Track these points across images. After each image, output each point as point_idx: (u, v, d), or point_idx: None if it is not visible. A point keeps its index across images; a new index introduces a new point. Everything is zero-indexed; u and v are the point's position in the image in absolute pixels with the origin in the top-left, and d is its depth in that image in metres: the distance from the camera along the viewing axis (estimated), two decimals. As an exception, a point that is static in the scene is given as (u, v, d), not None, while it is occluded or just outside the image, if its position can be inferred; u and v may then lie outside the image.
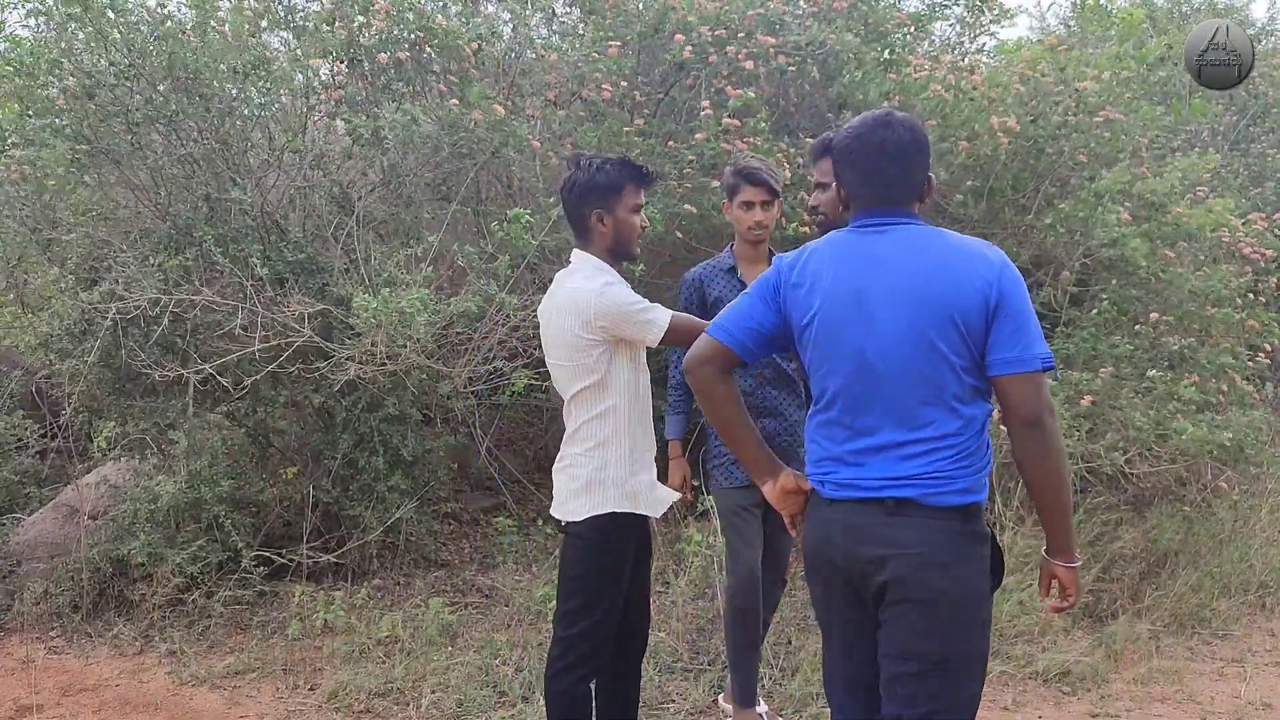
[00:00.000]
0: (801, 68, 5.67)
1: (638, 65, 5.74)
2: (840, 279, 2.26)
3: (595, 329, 2.83)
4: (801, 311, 2.30)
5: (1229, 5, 10.57)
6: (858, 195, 2.32)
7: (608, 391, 2.90)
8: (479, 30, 5.42)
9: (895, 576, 2.19)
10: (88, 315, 4.73)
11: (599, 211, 2.93)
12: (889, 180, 2.28)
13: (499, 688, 4.05)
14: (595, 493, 2.91)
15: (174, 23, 4.92)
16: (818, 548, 2.33)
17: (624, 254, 3.01)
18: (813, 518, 2.35)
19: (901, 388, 2.20)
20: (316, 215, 5.25)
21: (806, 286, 2.30)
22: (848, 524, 2.25)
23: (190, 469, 4.76)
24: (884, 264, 2.23)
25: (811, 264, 2.32)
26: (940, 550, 2.18)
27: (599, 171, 2.91)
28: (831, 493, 2.28)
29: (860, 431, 2.25)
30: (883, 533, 2.20)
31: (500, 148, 5.17)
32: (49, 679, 4.22)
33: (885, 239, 2.26)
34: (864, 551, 2.22)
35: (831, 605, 2.36)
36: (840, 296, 2.25)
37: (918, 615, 2.18)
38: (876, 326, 2.21)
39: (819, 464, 2.33)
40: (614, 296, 2.83)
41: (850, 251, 2.29)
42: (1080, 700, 4.02)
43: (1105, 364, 5.24)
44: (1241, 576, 5.05)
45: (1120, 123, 5.87)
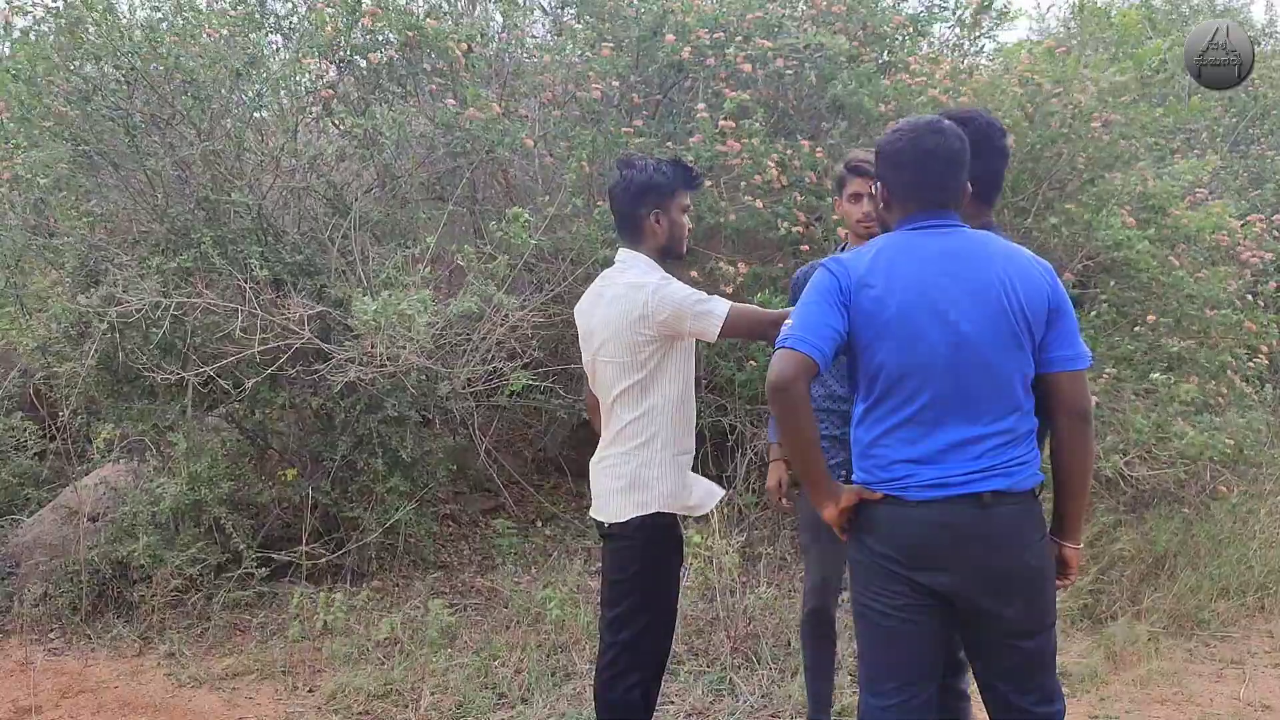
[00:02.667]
0: (799, 71, 5.68)
1: (635, 66, 5.74)
2: (917, 279, 2.30)
3: (653, 325, 2.82)
4: (872, 313, 2.31)
5: (1229, 7, 10.57)
6: (906, 198, 2.38)
7: (654, 389, 2.88)
8: (469, 31, 5.41)
9: (1001, 566, 2.30)
10: (85, 318, 4.73)
11: (656, 211, 2.93)
12: (943, 185, 2.36)
13: (498, 689, 4.06)
14: (640, 492, 2.88)
15: (169, 26, 4.92)
16: (907, 549, 2.33)
17: (674, 253, 3.01)
18: (892, 521, 2.34)
19: (985, 384, 2.29)
20: (311, 217, 5.25)
21: (879, 287, 2.31)
22: (942, 523, 2.29)
23: (190, 471, 4.76)
24: (960, 264, 2.31)
25: (880, 264, 2.33)
26: (1030, 530, 2.34)
27: (656, 172, 2.92)
28: (918, 495, 2.30)
29: (942, 429, 2.30)
30: (984, 526, 2.28)
31: (495, 146, 5.17)
32: (48, 680, 4.22)
33: (951, 240, 2.35)
34: (968, 548, 2.29)
35: (901, 607, 2.35)
36: (920, 297, 2.29)
37: (1027, 595, 2.33)
38: (961, 326, 2.28)
39: (892, 468, 2.34)
40: (672, 291, 2.82)
41: (919, 252, 2.34)
42: (1079, 701, 4.01)
43: (1106, 366, 5.24)
44: (1240, 578, 5.05)
45: (1119, 124, 5.87)
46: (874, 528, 2.37)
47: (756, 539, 5.14)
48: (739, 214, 5.31)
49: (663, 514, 2.87)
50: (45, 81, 4.85)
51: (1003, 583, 2.31)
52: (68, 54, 4.92)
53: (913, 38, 6.50)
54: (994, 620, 2.33)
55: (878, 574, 2.36)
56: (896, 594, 2.35)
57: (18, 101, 4.91)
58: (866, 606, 2.41)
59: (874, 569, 2.37)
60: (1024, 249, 2.40)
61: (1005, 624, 2.33)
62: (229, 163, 5.03)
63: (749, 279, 5.31)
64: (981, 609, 2.33)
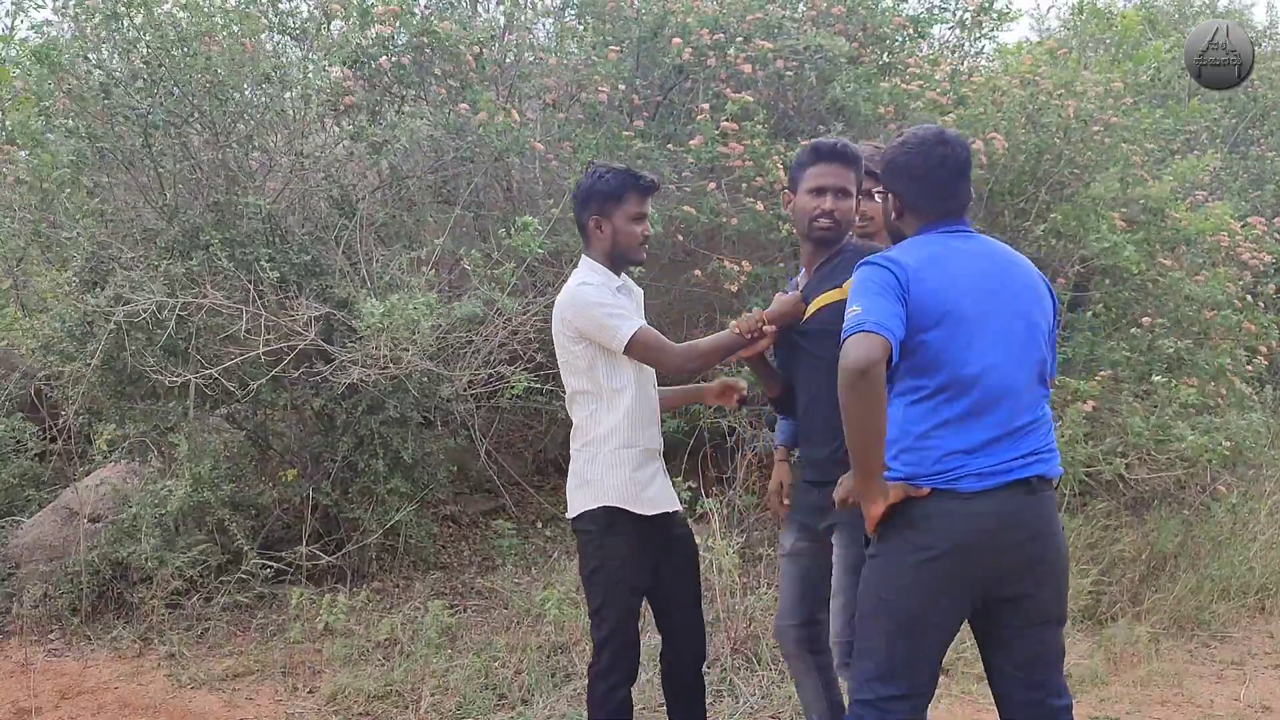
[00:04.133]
0: (799, 72, 5.68)
1: (636, 68, 5.74)
2: (968, 276, 2.40)
3: (571, 326, 2.92)
4: (931, 306, 2.36)
5: (1229, 8, 10.58)
6: (919, 207, 2.51)
7: (599, 390, 2.95)
8: (479, 35, 5.42)
9: (1039, 553, 2.39)
10: (89, 318, 4.73)
11: (597, 217, 2.99)
12: (956, 193, 2.49)
13: (498, 690, 4.06)
14: (586, 488, 2.97)
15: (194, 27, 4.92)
16: (960, 541, 2.34)
17: (625, 260, 3.05)
18: (944, 514, 2.35)
19: (1029, 374, 2.42)
20: (316, 218, 5.25)
21: (933, 281, 2.37)
22: (998, 512, 2.34)
23: (192, 472, 4.76)
24: (1001, 264, 2.47)
25: (932, 261, 2.41)
26: (1056, 516, 2.47)
27: (600, 179, 2.98)
28: (972, 485, 2.34)
29: (994, 419, 2.36)
30: (1029, 514, 2.37)
31: (503, 152, 5.17)
32: (48, 682, 4.22)
33: (977, 244, 2.49)
34: (1015, 535, 2.36)
35: (941, 604, 2.38)
36: (975, 293, 2.39)
37: (1057, 579, 2.45)
38: (1012, 321, 2.41)
39: (942, 461, 2.36)
40: (584, 295, 2.91)
41: (961, 253, 2.45)
42: (1080, 703, 4.01)
43: (1103, 368, 5.24)
44: (1241, 579, 5.05)
45: (1117, 126, 5.88)
46: (920, 522, 2.36)
47: (756, 540, 5.14)
48: (740, 216, 5.32)
49: (610, 509, 2.93)
50: (69, 66, 4.84)
51: (1043, 567, 2.40)
52: (92, 44, 4.92)
53: (912, 39, 6.51)
54: (1026, 606, 2.41)
55: (918, 570, 2.35)
56: (936, 589, 2.36)
57: (36, 84, 4.90)
58: (893, 603, 2.39)
59: (915, 564, 2.36)
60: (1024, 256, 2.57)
61: (1036, 610, 2.42)
62: (242, 164, 5.03)
63: (750, 280, 5.32)
64: (1019, 595, 2.39)
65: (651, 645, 3.76)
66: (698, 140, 5.22)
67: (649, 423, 3.01)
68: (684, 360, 2.91)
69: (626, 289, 3.07)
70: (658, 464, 3.04)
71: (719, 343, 2.95)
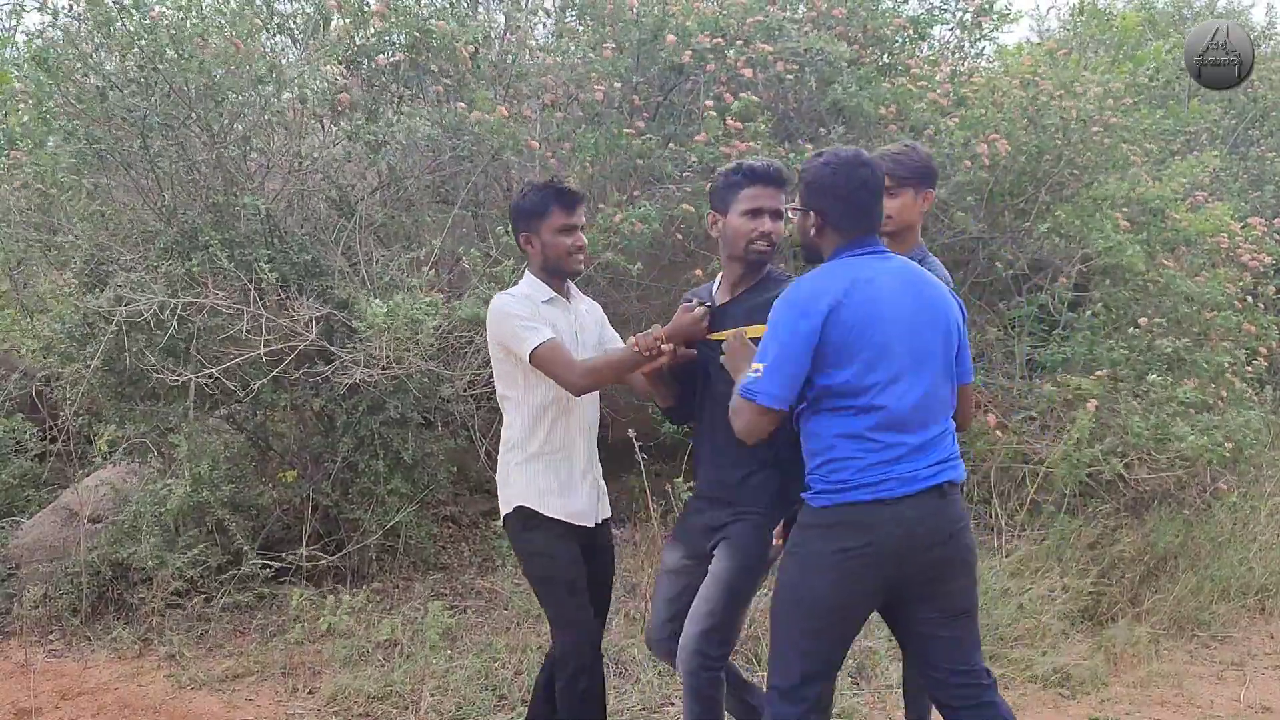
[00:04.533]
0: (799, 75, 5.68)
1: (636, 68, 5.74)
2: (888, 299, 2.54)
3: (492, 332, 3.07)
4: (852, 335, 2.51)
5: (1229, 9, 10.59)
6: (840, 226, 2.63)
7: (520, 397, 3.06)
8: (476, 34, 5.42)
9: (951, 553, 2.56)
10: (90, 319, 4.73)
11: (526, 234, 3.10)
12: (873, 213, 2.64)
13: (498, 691, 4.06)
14: (505, 491, 3.09)
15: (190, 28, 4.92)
16: (882, 544, 2.50)
17: (560, 271, 3.13)
18: (866, 518, 2.51)
19: (941, 389, 2.60)
20: (315, 218, 5.25)
21: (854, 311, 2.51)
22: (916, 517, 2.50)
23: (192, 473, 4.76)
24: (916, 284, 2.60)
25: (855, 287, 2.53)
26: (965, 516, 2.63)
27: (524, 198, 3.10)
28: (893, 490, 2.50)
29: (910, 431, 2.53)
30: (941, 517, 2.54)
31: (501, 151, 5.17)
32: (48, 682, 4.22)
33: (895, 264, 2.62)
34: (930, 537, 2.53)
35: (858, 600, 2.57)
36: (894, 315, 2.53)
37: (967, 575, 2.62)
38: (927, 338, 2.57)
39: (864, 472, 2.51)
40: (501, 306, 3.03)
41: (881, 274, 2.57)
42: (1080, 704, 4.02)
43: (1102, 367, 5.24)
44: (1241, 579, 5.05)
45: (1118, 127, 5.88)
46: (843, 525, 2.52)
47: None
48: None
49: (523, 509, 3.02)
50: (65, 70, 4.85)
51: (954, 565, 2.58)
52: (88, 49, 4.92)
53: (913, 40, 6.51)
54: (942, 602, 2.58)
55: (840, 568, 2.51)
56: (856, 587, 2.53)
57: (35, 86, 4.90)
58: (813, 599, 2.55)
59: (837, 563, 2.51)
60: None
61: (950, 605, 2.59)
62: (240, 165, 5.03)
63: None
64: (934, 592, 2.57)
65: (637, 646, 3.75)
66: (702, 137, 5.21)
67: (574, 433, 3.08)
68: (579, 377, 2.96)
69: (561, 304, 3.11)
70: (576, 474, 3.07)
71: (617, 360, 3.01)
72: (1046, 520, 4.99)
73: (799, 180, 2.72)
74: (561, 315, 3.09)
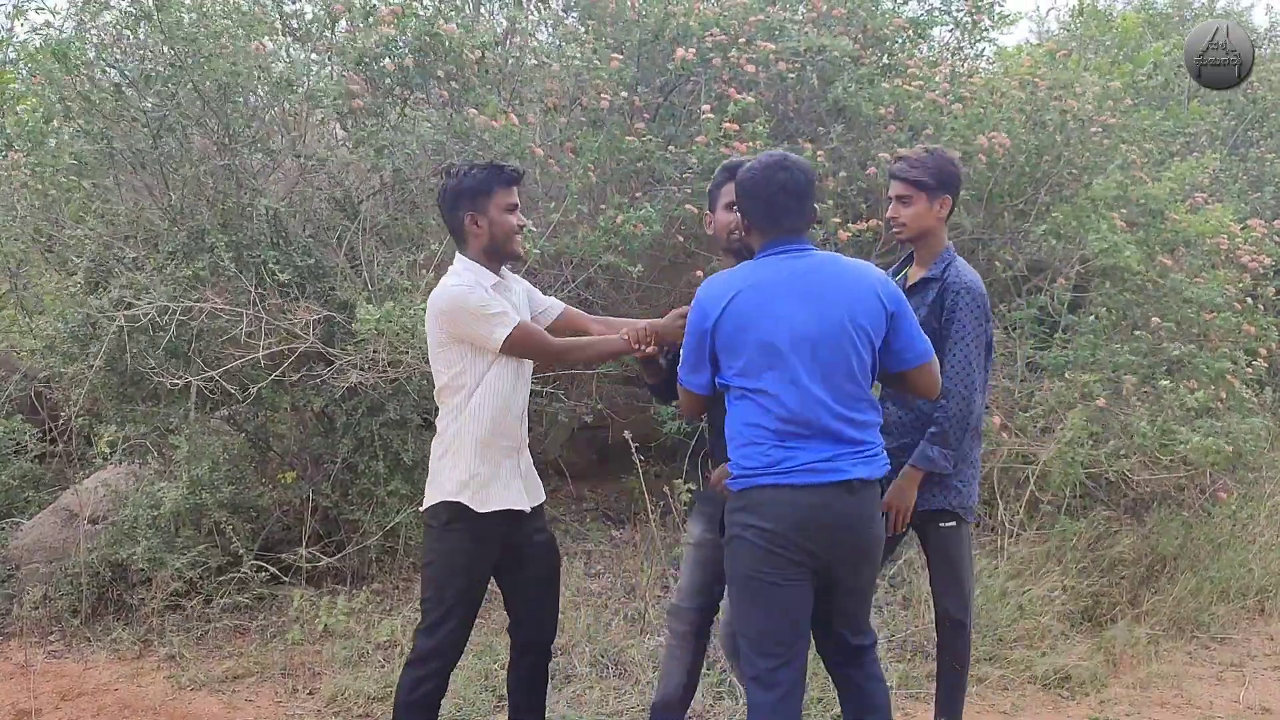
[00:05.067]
0: (801, 74, 5.68)
1: (638, 70, 5.74)
2: (786, 296, 2.71)
3: (443, 323, 2.98)
4: (744, 333, 2.72)
5: (1229, 10, 10.60)
6: (762, 226, 2.80)
7: (458, 388, 3.01)
8: (483, 38, 5.42)
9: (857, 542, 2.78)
10: (93, 320, 4.73)
11: (472, 214, 3.04)
12: (795, 213, 2.78)
13: (498, 692, 4.05)
14: (434, 484, 3.05)
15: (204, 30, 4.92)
16: (794, 525, 2.70)
17: (502, 253, 3.10)
18: (778, 502, 2.70)
19: (843, 381, 2.74)
20: (319, 220, 5.25)
21: (745, 311, 2.71)
22: (824, 504, 2.70)
23: (191, 474, 4.76)
24: (825, 279, 2.74)
25: (752, 289, 2.73)
26: (874, 510, 2.84)
27: (467, 176, 3.04)
28: (802, 479, 2.69)
29: (814, 421, 2.70)
30: (849, 509, 2.74)
31: (506, 156, 5.17)
32: (47, 683, 4.22)
33: (808, 262, 2.76)
34: (838, 528, 2.73)
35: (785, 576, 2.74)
36: (792, 311, 2.70)
37: (871, 564, 2.86)
38: (826, 333, 2.71)
39: (771, 454, 2.72)
40: (457, 296, 2.96)
41: (787, 272, 2.74)
42: (1079, 705, 4.02)
43: (1105, 370, 5.23)
44: (1240, 581, 5.05)
45: (1116, 127, 5.88)
46: (758, 509, 2.70)
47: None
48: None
49: (450, 503, 2.99)
50: (84, 67, 4.85)
51: (860, 554, 2.76)
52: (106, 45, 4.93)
53: (912, 40, 6.51)
54: (848, 583, 2.78)
55: (762, 549, 2.69)
56: (778, 564, 2.69)
57: (45, 83, 4.90)
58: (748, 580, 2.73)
59: (757, 545, 2.69)
60: (865, 264, 2.85)
61: (854, 584, 2.79)
62: (248, 166, 5.03)
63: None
64: (842, 575, 2.75)
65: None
66: (702, 139, 5.22)
67: (507, 422, 3.05)
68: (563, 352, 3.09)
69: (504, 286, 3.09)
70: (510, 461, 3.07)
71: (607, 346, 3.10)
72: (1047, 521, 4.99)
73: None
74: (504, 300, 3.06)
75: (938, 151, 3.31)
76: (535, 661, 3.28)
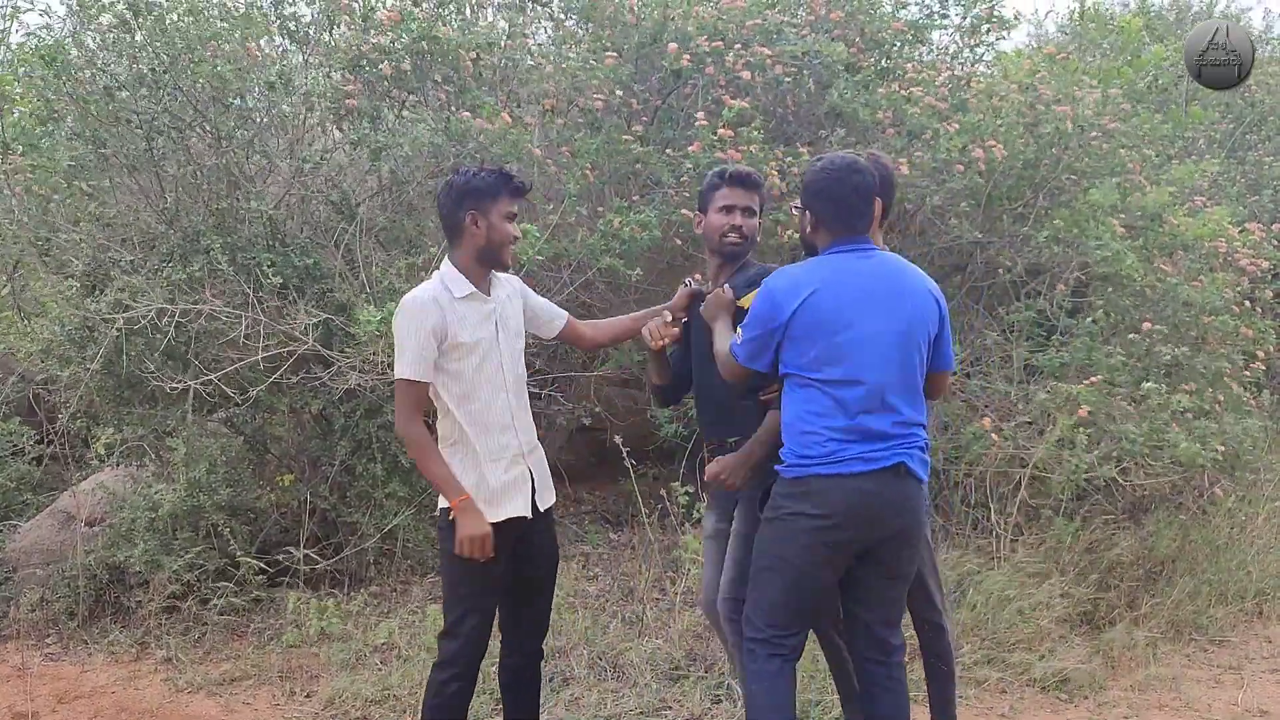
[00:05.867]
0: (798, 78, 5.68)
1: (635, 73, 5.74)
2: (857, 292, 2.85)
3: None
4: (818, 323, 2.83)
5: (1228, 12, 10.62)
6: (831, 226, 2.92)
7: (446, 394, 3.04)
8: (480, 40, 5.42)
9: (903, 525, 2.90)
10: (90, 322, 4.73)
11: (474, 213, 3.05)
12: (863, 215, 2.91)
13: (496, 695, 4.04)
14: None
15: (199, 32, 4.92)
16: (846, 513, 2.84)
17: (493, 260, 3.10)
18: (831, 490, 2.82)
19: (903, 377, 2.90)
20: (316, 222, 5.25)
21: (822, 304, 2.83)
22: (874, 490, 2.84)
23: (188, 477, 4.75)
24: (890, 279, 2.89)
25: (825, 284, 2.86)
26: (919, 497, 2.96)
27: (476, 177, 3.06)
28: (854, 468, 2.82)
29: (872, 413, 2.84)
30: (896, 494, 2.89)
31: (503, 158, 5.17)
32: (45, 686, 4.21)
33: (874, 262, 2.90)
34: (886, 510, 2.86)
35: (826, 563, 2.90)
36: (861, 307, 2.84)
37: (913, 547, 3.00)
38: (891, 330, 2.89)
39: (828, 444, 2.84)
40: (401, 310, 3.01)
41: (856, 272, 2.88)
42: (1077, 708, 4.02)
43: (1099, 373, 5.23)
44: (1238, 584, 5.05)
45: (1116, 131, 5.88)
46: (813, 496, 2.82)
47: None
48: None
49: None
50: (76, 71, 4.85)
51: (904, 537, 2.88)
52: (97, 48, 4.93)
53: (911, 44, 6.51)
54: (887, 568, 2.90)
55: (810, 535, 2.82)
56: (824, 552, 2.83)
57: (40, 87, 4.90)
58: (789, 561, 2.86)
59: (808, 530, 2.82)
60: (916, 267, 2.99)
61: (892, 571, 2.91)
62: (243, 168, 5.03)
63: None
64: (883, 558, 2.88)
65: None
66: (696, 146, 5.22)
67: (494, 428, 3.05)
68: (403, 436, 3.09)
69: (477, 297, 3.06)
70: (499, 467, 3.05)
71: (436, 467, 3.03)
72: (1044, 525, 4.99)
73: (800, 182, 3.03)
74: (475, 311, 3.03)
75: (876, 157, 3.41)
76: (525, 663, 3.29)
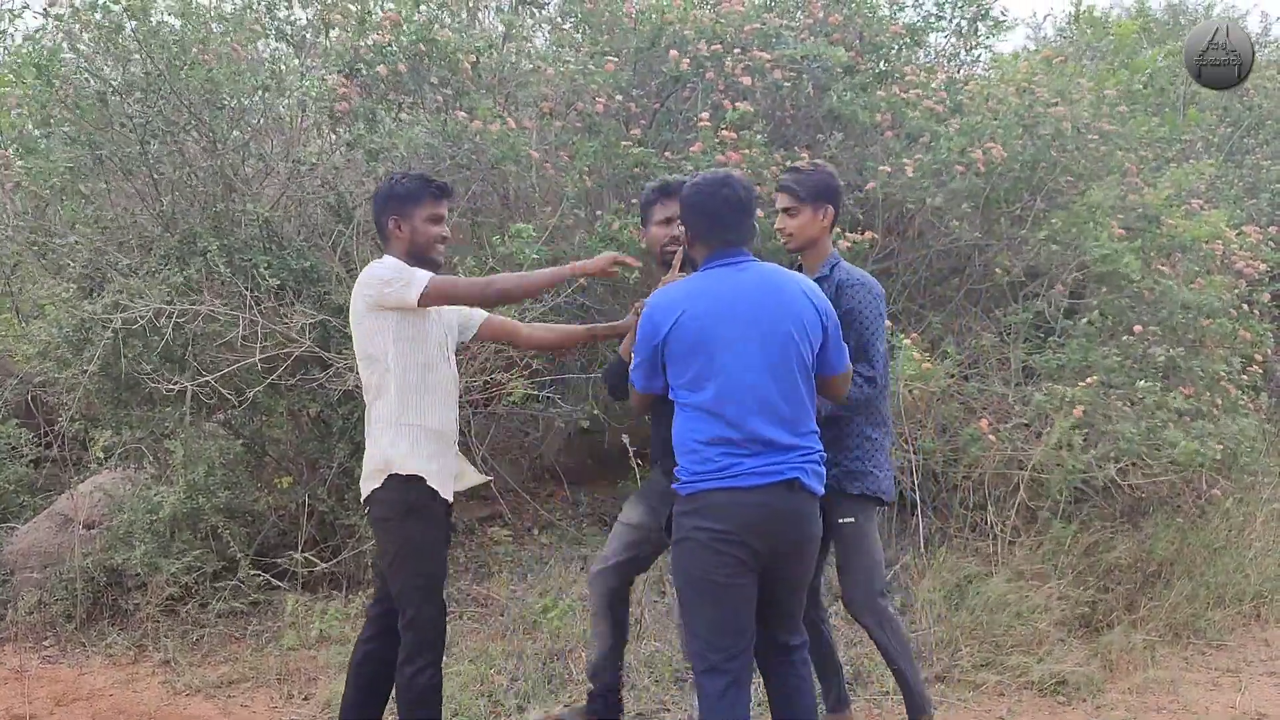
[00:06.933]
0: (796, 82, 5.69)
1: (634, 77, 5.75)
2: (730, 305, 2.87)
3: (361, 298, 3.09)
4: (690, 340, 2.87)
5: (1225, 15, 10.64)
6: (707, 240, 2.97)
7: (385, 372, 3.09)
8: (478, 43, 5.42)
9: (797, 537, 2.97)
10: (87, 324, 4.73)
11: (396, 218, 3.17)
12: (736, 228, 2.95)
13: (494, 697, 4.05)
14: (372, 463, 3.14)
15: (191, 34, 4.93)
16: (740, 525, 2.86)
17: (423, 259, 3.20)
18: (724, 505, 2.85)
19: (785, 388, 2.91)
20: (313, 224, 5.25)
21: (692, 321, 2.87)
22: (766, 504, 2.87)
23: (187, 479, 4.75)
24: (765, 290, 2.90)
25: (698, 297, 2.90)
26: (812, 510, 3.01)
27: (398, 184, 3.19)
28: (745, 482, 2.85)
29: (756, 427, 2.86)
30: (789, 508, 2.93)
31: (500, 160, 5.17)
32: (42, 688, 4.21)
33: (749, 274, 2.92)
34: (779, 524, 2.90)
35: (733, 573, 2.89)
36: (734, 320, 2.86)
37: (808, 558, 3.07)
38: (768, 342, 2.88)
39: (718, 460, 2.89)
40: (373, 272, 3.09)
41: (729, 284, 2.91)
42: (1076, 710, 4.02)
43: (1095, 374, 5.24)
44: (1236, 586, 5.05)
45: (1113, 134, 5.89)
46: (707, 511, 2.84)
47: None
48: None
49: (401, 477, 3.08)
50: (68, 77, 4.86)
51: (799, 549, 2.93)
52: (88, 54, 4.93)
53: (909, 47, 6.52)
54: (786, 576, 2.94)
55: (711, 548, 2.83)
56: (726, 563, 2.83)
57: (33, 93, 4.90)
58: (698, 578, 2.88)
59: (707, 544, 2.83)
60: (797, 274, 3.05)
61: (792, 578, 2.96)
62: (239, 171, 5.03)
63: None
64: (784, 569, 2.92)
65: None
66: (697, 147, 5.22)
67: (438, 401, 3.15)
68: (488, 283, 3.17)
69: None
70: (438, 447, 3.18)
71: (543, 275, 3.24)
72: (1042, 528, 4.99)
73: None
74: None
75: (820, 165, 3.59)
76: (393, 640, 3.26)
